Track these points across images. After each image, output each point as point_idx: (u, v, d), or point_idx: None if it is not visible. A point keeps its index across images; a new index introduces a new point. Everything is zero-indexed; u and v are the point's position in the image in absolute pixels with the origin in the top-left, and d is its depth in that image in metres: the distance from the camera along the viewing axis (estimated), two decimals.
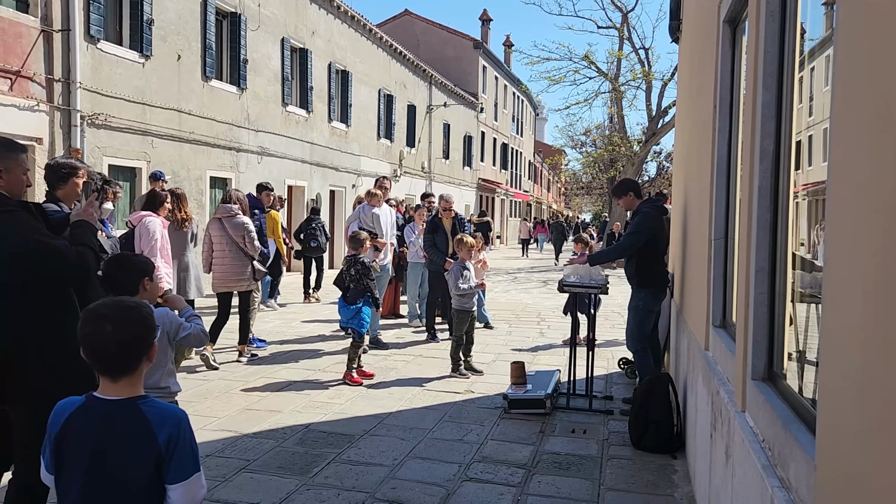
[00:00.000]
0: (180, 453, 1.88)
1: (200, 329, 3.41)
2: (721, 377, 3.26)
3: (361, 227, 8.24)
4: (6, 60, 9.67)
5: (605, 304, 11.49)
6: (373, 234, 8.29)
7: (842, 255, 1.50)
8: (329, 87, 19.68)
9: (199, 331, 3.40)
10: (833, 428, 1.52)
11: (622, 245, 6.03)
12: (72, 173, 3.77)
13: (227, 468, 4.46)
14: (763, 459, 2.18)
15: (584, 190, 58.83)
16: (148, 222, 6.41)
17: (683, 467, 4.67)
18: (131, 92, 12.06)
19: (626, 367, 7.30)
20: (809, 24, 2.30)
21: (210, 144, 14.28)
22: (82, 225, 3.25)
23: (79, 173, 3.81)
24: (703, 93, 4.61)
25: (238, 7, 15.13)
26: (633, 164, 27.36)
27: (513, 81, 43.36)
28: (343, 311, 6.74)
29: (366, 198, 8.96)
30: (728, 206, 3.77)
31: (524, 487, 4.29)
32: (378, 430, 5.35)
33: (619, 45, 27.06)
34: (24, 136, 9.48)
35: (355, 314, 6.64)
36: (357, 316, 6.65)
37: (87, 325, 1.88)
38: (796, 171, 2.35)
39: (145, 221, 6.42)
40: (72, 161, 3.89)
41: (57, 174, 3.78)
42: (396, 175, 25.16)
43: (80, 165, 3.86)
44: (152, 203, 6.68)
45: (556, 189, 73.74)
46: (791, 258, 2.38)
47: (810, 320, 2.18)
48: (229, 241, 7.33)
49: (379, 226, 8.57)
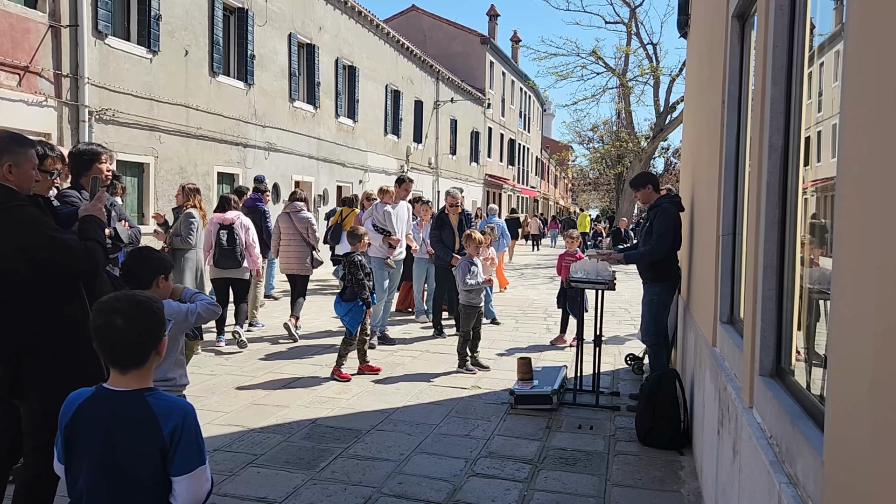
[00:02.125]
0: (185, 445, 1.90)
1: (207, 303, 3.41)
2: (728, 373, 3.26)
3: (374, 225, 8.21)
4: (15, 56, 9.71)
5: (612, 300, 11.48)
6: (385, 232, 8.24)
7: (851, 251, 1.49)
8: (336, 83, 19.68)
9: (206, 305, 3.40)
10: (841, 424, 1.52)
11: (655, 248, 5.88)
12: (94, 159, 3.78)
13: (235, 462, 4.48)
14: (771, 455, 2.18)
15: (592, 186, 58.75)
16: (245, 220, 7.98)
17: (690, 463, 4.66)
18: (139, 87, 12.09)
19: (632, 364, 7.29)
20: (819, 18, 2.29)
21: (217, 140, 14.30)
22: (91, 220, 3.26)
23: (101, 158, 3.82)
24: (711, 88, 4.59)
25: (245, 2, 15.14)
26: (640, 160, 27.26)
27: (520, 77, 43.28)
28: (337, 307, 6.76)
29: (378, 195, 8.95)
30: (736, 202, 3.76)
31: (531, 483, 4.30)
32: (385, 425, 5.37)
33: (626, 40, 26.93)
34: (32, 132, 9.51)
35: (347, 312, 6.66)
36: (348, 314, 6.67)
37: (99, 316, 1.93)
38: (805, 166, 2.34)
39: (242, 219, 7.94)
40: (93, 146, 3.89)
41: (80, 161, 3.79)
42: (404, 171, 25.18)
43: (102, 150, 3.87)
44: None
45: (564, 185, 73.62)
46: (798, 254, 2.37)
47: (818, 316, 2.18)
48: (295, 232, 8.72)
49: (391, 223, 8.42)
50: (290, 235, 8.75)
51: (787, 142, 2.47)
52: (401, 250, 8.59)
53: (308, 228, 8.75)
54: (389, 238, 8.25)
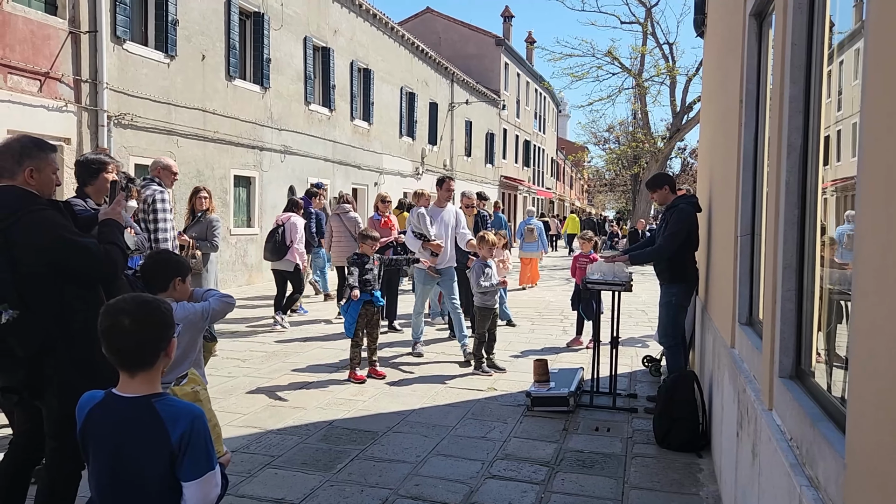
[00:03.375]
0: (193, 451, 1.90)
1: (219, 296, 3.46)
2: (748, 375, 3.23)
3: (413, 231, 7.91)
4: (36, 62, 9.84)
5: (629, 301, 11.41)
6: (422, 237, 7.81)
7: (873, 251, 1.47)
8: (351, 86, 19.75)
9: (218, 298, 3.45)
10: (864, 426, 1.50)
11: (663, 247, 5.87)
12: (101, 168, 3.82)
13: (252, 464, 4.50)
14: (791, 458, 2.15)
15: (608, 187, 58.51)
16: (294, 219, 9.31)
17: (709, 466, 4.63)
18: (157, 92, 12.20)
19: (650, 365, 7.25)
20: (838, 16, 2.27)
21: (234, 143, 14.40)
22: (110, 223, 3.29)
23: (108, 168, 3.86)
24: (728, 87, 4.56)
25: (261, 6, 15.24)
26: (657, 161, 27.11)
27: (535, 78, 43.20)
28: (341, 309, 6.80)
29: (414, 199, 9.10)
30: (754, 202, 3.73)
31: (548, 485, 4.28)
32: (401, 426, 5.37)
33: (642, 40, 26.81)
34: (52, 136, 9.63)
35: (345, 314, 6.71)
36: (346, 316, 6.70)
37: (105, 319, 1.92)
38: (824, 166, 2.32)
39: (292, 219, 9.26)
40: (101, 156, 3.93)
41: (87, 170, 3.83)
42: (419, 173, 25.21)
43: (108, 161, 3.91)
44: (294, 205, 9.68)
45: (579, 186, 73.39)
46: (818, 254, 2.34)
47: (839, 317, 2.15)
48: (345, 231, 9.97)
49: (426, 226, 7.86)
50: (340, 233, 10.05)
51: (806, 141, 2.45)
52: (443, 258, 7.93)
53: (355, 227, 9.81)
54: (429, 244, 7.78)
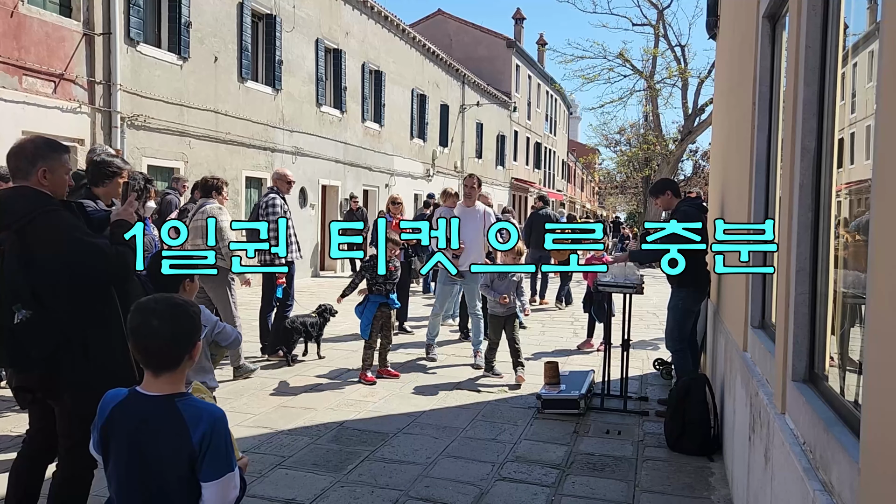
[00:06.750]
0: (214, 452, 1.90)
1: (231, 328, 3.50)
2: (760, 378, 3.21)
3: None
4: (50, 64, 9.93)
5: (640, 304, 11.36)
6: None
7: (887, 254, 1.46)
8: (362, 88, 19.80)
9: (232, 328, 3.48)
10: (879, 430, 1.49)
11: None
12: (117, 174, 3.84)
13: (263, 464, 4.51)
14: (804, 462, 2.14)
15: (619, 189, 58.27)
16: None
17: (721, 470, 4.60)
18: (170, 93, 12.28)
19: (661, 368, 7.22)
20: (852, 18, 2.25)
21: (246, 145, 14.47)
22: (122, 224, 3.31)
23: (123, 174, 3.88)
24: (741, 90, 4.54)
25: (273, 9, 15.31)
26: (668, 163, 27.03)
27: (546, 80, 43.13)
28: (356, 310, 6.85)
29: (442, 198, 8.88)
30: (767, 205, 3.71)
31: (558, 488, 4.27)
32: (411, 428, 5.37)
33: (654, 42, 26.74)
34: (66, 138, 9.71)
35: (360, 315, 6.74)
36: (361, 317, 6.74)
37: (135, 317, 1.95)
38: (838, 169, 2.31)
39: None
40: (118, 162, 3.94)
41: (103, 172, 3.83)
42: (429, 174, 25.23)
43: (124, 167, 3.93)
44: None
45: (590, 188, 73.18)
46: (832, 257, 2.33)
47: (853, 320, 2.14)
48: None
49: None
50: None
51: (819, 144, 2.44)
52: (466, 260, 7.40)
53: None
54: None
